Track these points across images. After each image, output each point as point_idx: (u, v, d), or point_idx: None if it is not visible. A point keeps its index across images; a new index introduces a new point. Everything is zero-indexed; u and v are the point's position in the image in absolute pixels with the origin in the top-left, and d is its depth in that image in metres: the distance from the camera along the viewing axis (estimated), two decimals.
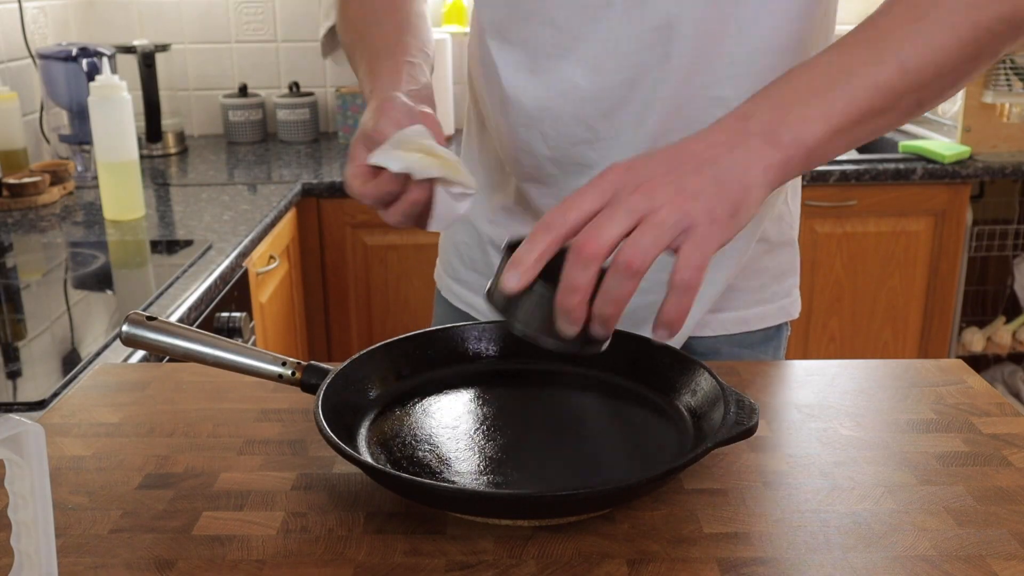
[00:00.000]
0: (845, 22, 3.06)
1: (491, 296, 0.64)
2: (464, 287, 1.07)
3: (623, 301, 0.59)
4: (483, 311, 1.05)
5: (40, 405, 1.01)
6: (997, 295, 2.69)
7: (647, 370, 0.81)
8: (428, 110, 0.79)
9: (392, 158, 0.73)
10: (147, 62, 2.33)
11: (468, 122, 1.06)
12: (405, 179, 0.74)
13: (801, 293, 1.05)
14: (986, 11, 0.68)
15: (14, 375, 1.13)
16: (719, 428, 0.67)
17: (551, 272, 0.60)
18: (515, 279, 0.59)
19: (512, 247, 0.62)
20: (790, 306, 1.03)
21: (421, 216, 0.76)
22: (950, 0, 0.68)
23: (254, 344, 1.69)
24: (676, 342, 0.97)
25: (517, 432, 0.74)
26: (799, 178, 1.02)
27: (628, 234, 0.59)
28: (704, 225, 0.59)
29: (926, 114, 2.54)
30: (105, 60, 2.11)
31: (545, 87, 0.88)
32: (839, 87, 0.66)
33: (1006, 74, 2.29)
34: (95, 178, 2.05)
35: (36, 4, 2.33)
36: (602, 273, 0.59)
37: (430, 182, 0.74)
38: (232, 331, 1.51)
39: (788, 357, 1.08)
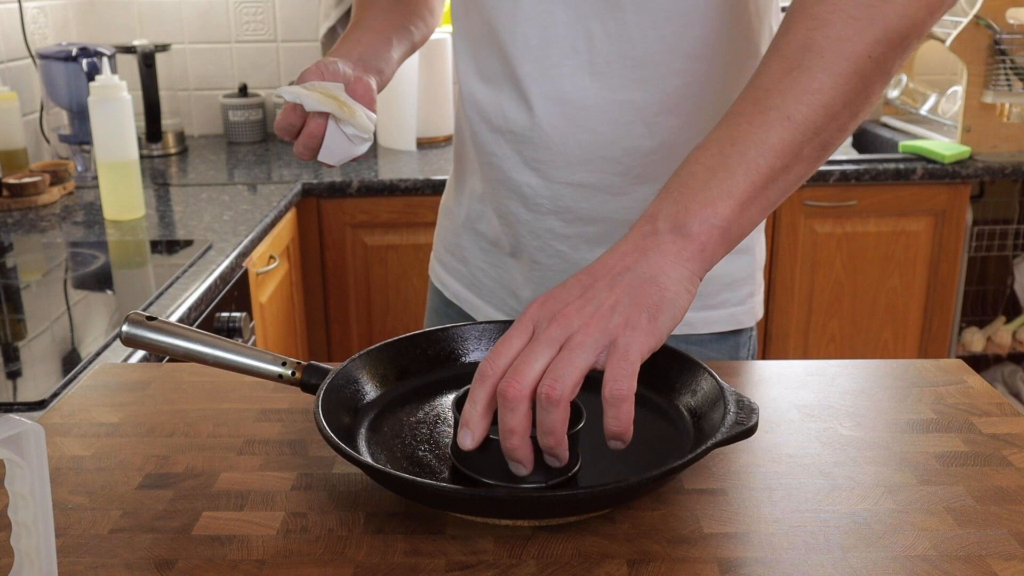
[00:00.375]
0: None
1: (455, 454, 0.67)
2: (444, 269, 1.12)
3: (558, 430, 0.59)
4: (459, 296, 1.10)
5: (40, 405, 1.01)
6: (997, 295, 2.69)
7: (647, 370, 0.80)
8: (365, 76, 0.89)
9: (290, 92, 0.84)
10: (147, 62, 2.33)
11: (456, 116, 1.11)
12: (306, 114, 0.86)
13: (801, 293, 1.05)
14: (858, 42, 0.68)
15: (14, 375, 1.13)
16: (719, 428, 0.67)
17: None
18: (468, 439, 0.62)
19: (460, 402, 0.65)
20: (742, 315, 1.02)
21: (317, 150, 0.87)
22: (819, 40, 0.68)
23: (254, 344, 1.69)
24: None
25: None
26: None
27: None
28: (624, 336, 0.60)
29: (926, 114, 2.54)
30: (105, 60, 2.11)
31: (495, 93, 0.96)
32: (734, 161, 0.66)
33: (1006, 74, 2.29)
34: (95, 178, 2.05)
35: (36, 4, 2.33)
36: None
37: (325, 118, 0.85)
38: (232, 331, 1.51)
39: (788, 357, 1.07)
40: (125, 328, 0.75)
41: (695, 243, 0.64)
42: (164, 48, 2.47)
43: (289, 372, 0.75)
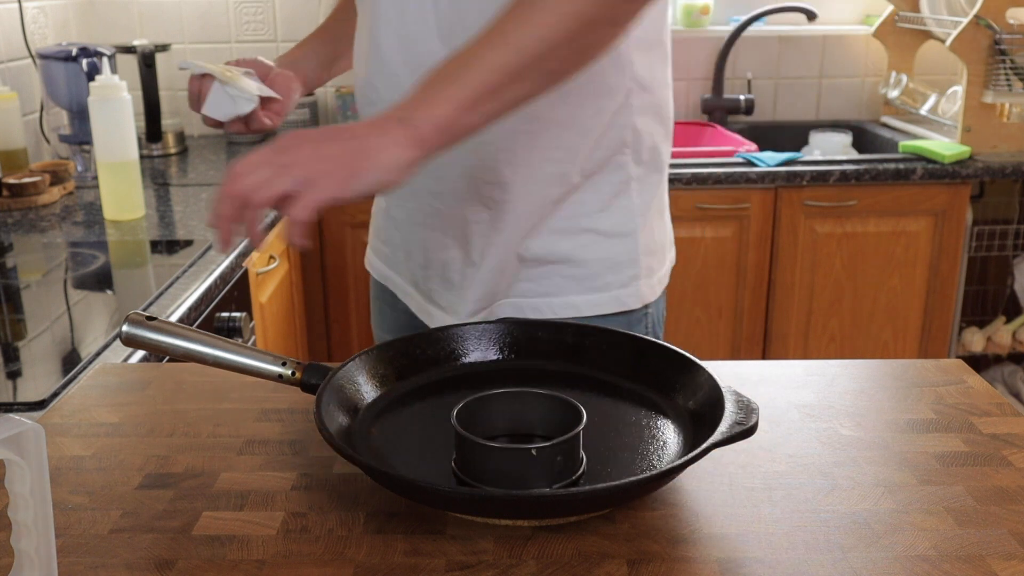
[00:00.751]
0: (844, 22, 3.03)
1: (459, 467, 0.69)
2: (375, 254, 1.23)
3: (227, 210, 0.74)
4: (391, 279, 1.17)
5: (40, 405, 1.01)
6: (997, 295, 2.69)
7: (647, 370, 0.81)
8: (283, 72, 1.07)
9: (185, 62, 1.02)
10: (147, 62, 2.33)
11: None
12: (206, 80, 1.01)
13: (801, 293, 1.05)
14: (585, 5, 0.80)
15: (14, 375, 1.13)
16: (719, 428, 0.67)
17: None
18: (221, 246, 0.76)
19: (461, 416, 0.69)
20: (626, 297, 1.04)
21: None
22: None
23: (254, 344, 1.69)
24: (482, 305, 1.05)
25: (516, 432, 0.74)
26: (655, 176, 1.05)
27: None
28: (321, 181, 0.74)
29: (926, 114, 2.54)
30: (105, 60, 2.11)
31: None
32: (463, 72, 0.79)
33: (1006, 74, 2.29)
34: (95, 178, 2.05)
35: (36, 4, 2.33)
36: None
37: (209, 80, 1.00)
38: (232, 331, 1.51)
39: (788, 357, 1.08)
40: (125, 328, 0.75)
41: (413, 131, 0.77)
42: (164, 48, 2.47)
43: (289, 372, 0.75)
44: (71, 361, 1.14)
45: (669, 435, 0.74)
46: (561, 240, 1.01)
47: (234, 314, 1.53)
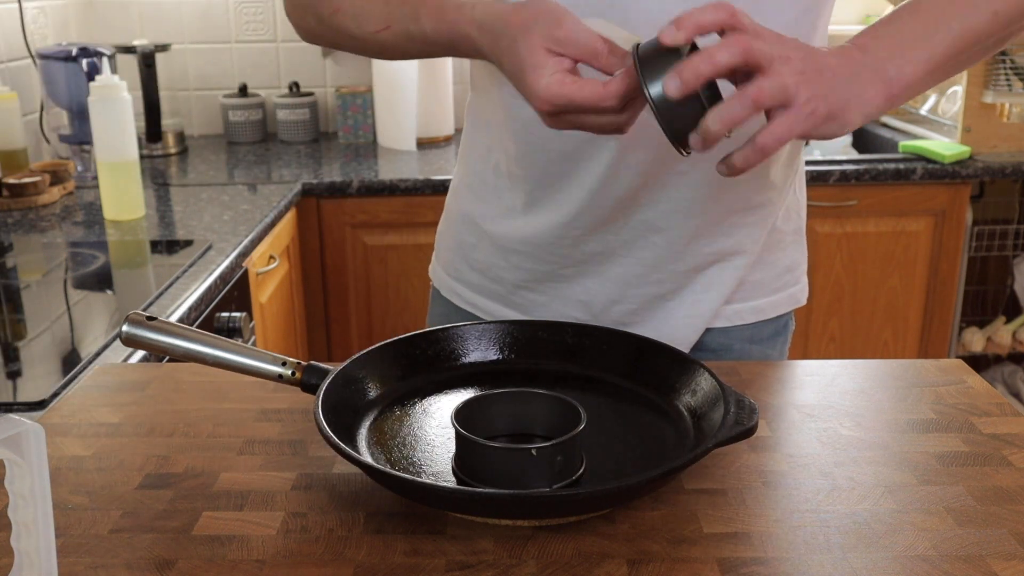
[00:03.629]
0: (845, 22, 3.03)
1: (459, 467, 0.69)
2: (467, 287, 1.06)
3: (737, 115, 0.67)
4: (487, 310, 1.04)
5: (40, 405, 1.01)
6: (997, 295, 2.69)
7: (647, 370, 0.81)
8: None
9: (608, 29, 0.71)
10: (147, 62, 2.33)
11: (472, 123, 1.04)
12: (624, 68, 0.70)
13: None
14: None
15: (14, 375, 1.13)
16: (719, 428, 0.67)
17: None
18: (671, 33, 0.67)
19: (460, 415, 0.68)
20: (799, 293, 1.05)
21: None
22: None
23: (254, 344, 1.69)
24: (694, 332, 0.99)
25: (516, 432, 0.74)
26: (803, 168, 1.04)
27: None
28: (848, 104, 0.71)
29: (926, 114, 2.54)
30: (105, 60, 2.11)
31: None
32: (940, 33, 0.77)
33: (1006, 74, 2.29)
34: (95, 178, 2.05)
35: (36, 4, 2.33)
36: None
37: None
38: (232, 331, 1.51)
39: (789, 357, 1.08)
40: (125, 328, 0.75)
41: (885, 86, 0.74)
42: (164, 48, 2.47)
43: (289, 372, 0.75)
44: (71, 361, 1.14)
45: (669, 435, 0.74)
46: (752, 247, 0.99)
47: (234, 314, 1.53)
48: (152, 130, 2.35)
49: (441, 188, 2.14)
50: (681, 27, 0.66)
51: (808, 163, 2.24)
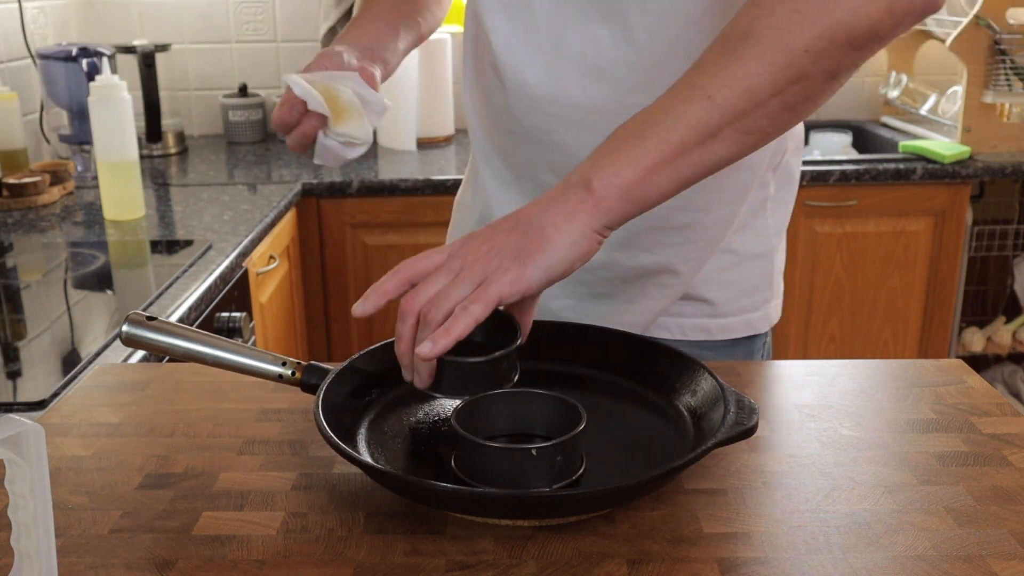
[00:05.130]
0: None
1: (458, 466, 0.69)
2: None
3: (426, 348, 0.66)
4: None
5: (40, 405, 1.01)
6: (997, 295, 2.69)
7: (647, 370, 0.81)
8: (369, 67, 0.92)
9: (297, 83, 0.85)
10: (147, 62, 2.33)
11: (476, 123, 1.05)
12: (302, 112, 0.86)
13: (801, 293, 1.05)
14: (797, 34, 0.69)
15: (14, 375, 1.13)
16: (719, 428, 0.67)
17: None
18: (360, 305, 0.69)
19: (461, 415, 0.69)
20: (757, 320, 1.02)
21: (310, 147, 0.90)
22: (761, 30, 0.70)
23: (254, 344, 1.69)
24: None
25: (516, 432, 0.74)
26: (787, 193, 1.01)
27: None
28: (497, 277, 0.68)
29: (926, 114, 2.54)
30: (105, 60, 2.11)
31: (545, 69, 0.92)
32: (651, 130, 0.71)
33: (1006, 74, 2.29)
34: (95, 178, 2.05)
35: (36, 4, 2.32)
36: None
37: (322, 121, 0.87)
38: (232, 331, 1.51)
39: (788, 357, 1.08)
40: (125, 328, 0.75)
41: (593, 198, 0.70)
42: (164, 48, 2.47)
43: (289, 372, 0.75)
44: (71, 361, 1.14)
45: (669, 435, 0.74)
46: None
47: (234, 314, 1.53)
48: (152, 130, 2.35)
49: (441, 188, 2.14)
50: (367, 299, 0.69)
51: (808, 163, 2.24)
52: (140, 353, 1.14)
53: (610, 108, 0.89)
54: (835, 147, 2.59)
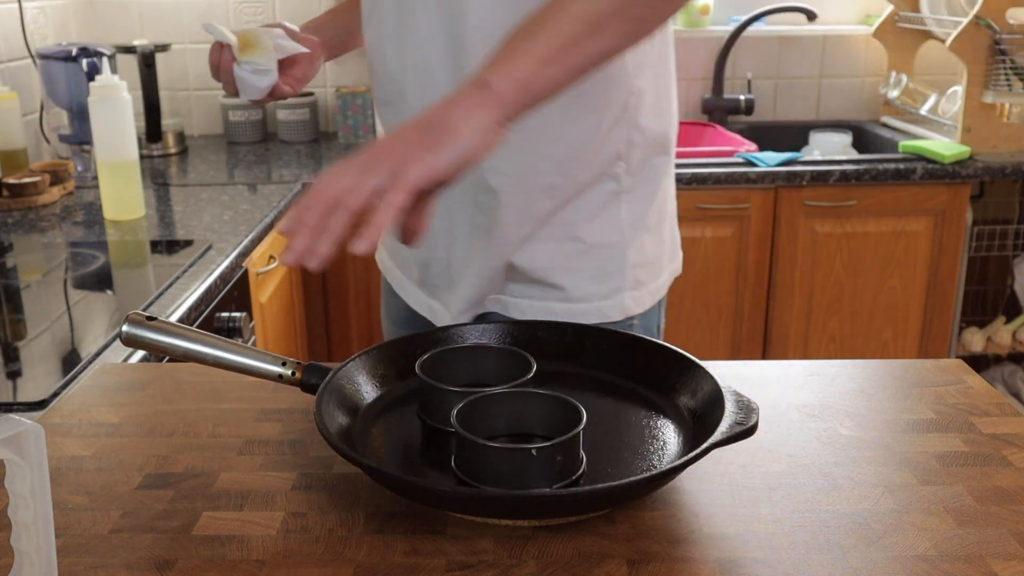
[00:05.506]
0: (844, 22, 3.02)
1: (459, 467, 0.69)
2: (383, 246, 1.19)
3: (334, 223, 0.68)
4: (392, 272, 1.16)
5: (40, 405, 1.01)
6: (997, 295, 2.69)
7: (647, 370, 0.81)
8: (307, 36, 1.14)
9: (210, 26, 1.09)
10: (147, 62, 2.33)
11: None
12: (220, 49, 1.11)
13: (801, 293, 1.05)
14: None
15: (14, 375, 1.13)
16: (719, 428, 0.67)
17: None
18: (289, 255, 0.70)
19: (461, 416, 0.69)
20: (609, 309, 1.03)
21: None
22: None
23: (254, 344, 1.69)
24: (471, 306, 1.05)
25: (516, 432, 0.74)
26: (647, 189, 1.02)
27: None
28: (407, 164, 0.70)
29: (926, 114, 2.54)
30: (105, 60, 2.11)
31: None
32: (541, 28, 0.77)
33: (1006, 74, 2.29)
34: (95, 178, 2.05)
35: (36, 4, 2.33)
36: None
37: (231, 53, 1.08)
38: (232, 331, 1.51)
39: (788, 357, 1.07)
40: (125, 328, 0.75)
41: (492, 93, 0.74)
42: (164, 48, 2.47)
43: (289, 372, 0.75)
44: (71, 361, 1.14)
45: (669, 435, 0.74)
46: (547, 249, 1.00)
47: (234, 314, 1.53)
48: (152, 130, 2.35)
49: None
50: (294, 237, 0.69)
51: (808, 163, 2.24)
52: (140, 353, 1.14)
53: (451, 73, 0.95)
54: (835, 147, 2.59)
